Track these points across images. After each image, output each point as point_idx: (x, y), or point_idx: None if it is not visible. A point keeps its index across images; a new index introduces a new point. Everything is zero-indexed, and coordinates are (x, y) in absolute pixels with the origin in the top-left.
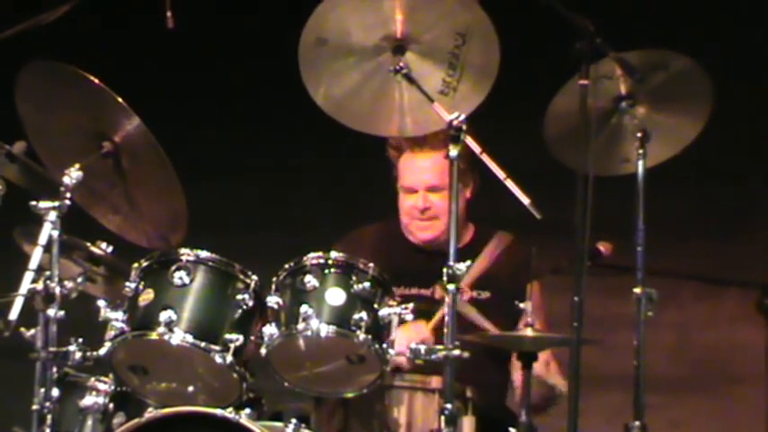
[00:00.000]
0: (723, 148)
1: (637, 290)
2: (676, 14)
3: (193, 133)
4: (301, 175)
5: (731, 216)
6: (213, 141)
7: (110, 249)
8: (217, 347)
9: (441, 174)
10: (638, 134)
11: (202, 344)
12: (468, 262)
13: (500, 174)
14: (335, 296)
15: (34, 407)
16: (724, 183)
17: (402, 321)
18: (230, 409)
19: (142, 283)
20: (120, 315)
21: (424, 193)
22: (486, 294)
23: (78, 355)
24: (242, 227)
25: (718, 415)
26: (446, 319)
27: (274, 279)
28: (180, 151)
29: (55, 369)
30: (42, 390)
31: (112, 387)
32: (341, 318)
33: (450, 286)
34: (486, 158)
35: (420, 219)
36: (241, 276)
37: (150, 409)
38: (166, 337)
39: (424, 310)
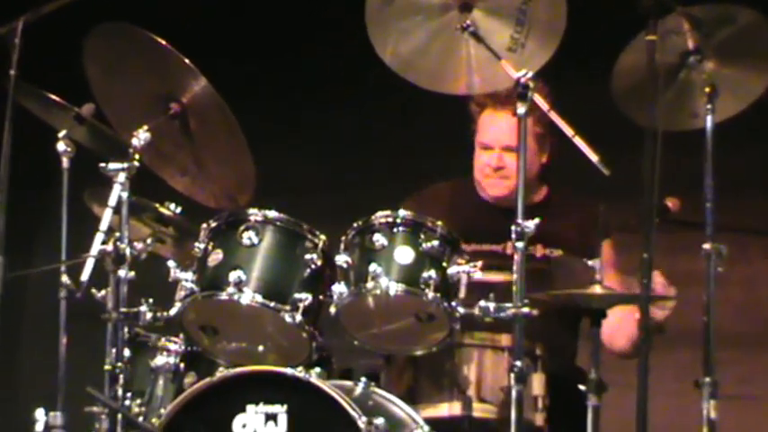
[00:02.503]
0: None
1: (706, 246)
2: None
3: (255, 95)
4: (363, 136)
5: None
6: (274, 102)
7: (178, 210)
8: (286, 307)
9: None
10: (707, 89)
11: (272, 303)
12: (537, 219)
13: (568, 131)
14: (404, 255)
15: (106, 367)
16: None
17: (474, 286)
18: (300, 368)
19: (211, 243)
20: (189, 276)
21: (500, 152)
22: (557, 252)
23: (149, 315)
24: (308, 187)
25: None
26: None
27: (343, 238)
28: (243, 113)
29: (126, 330)
30: (114, 350)
31: (183, 347)
32: (410, 276)
33: (519, 243)
34: (554, 116)
35: (493, 177)
36: (309, 236)
37: (221, 369)
38: (236, 297)
39: (496, 265)
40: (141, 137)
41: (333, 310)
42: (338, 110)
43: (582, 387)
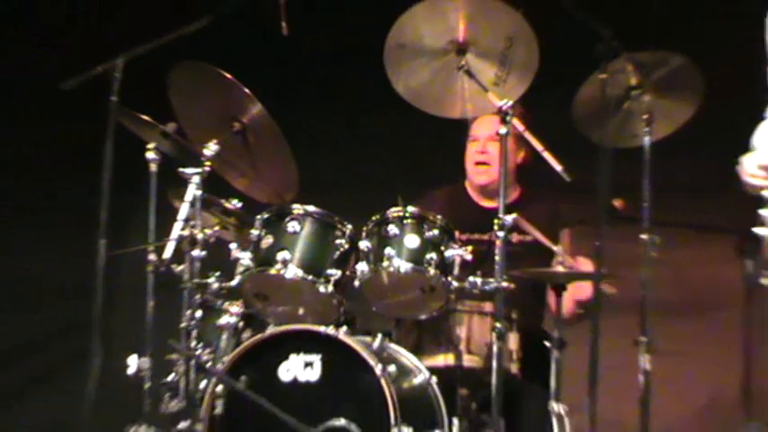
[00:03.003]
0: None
1: (643, 236)
2: (675, 18)
3: (297, 112)
4: (380, 145)
5: (714, 179)
6: (312, 119)
7: (239, 205)
8: (320, 280)
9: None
10: (645, 116)
11: (309, 277)
12: (515, 214)
13: (538, 146)
14: (412, 241)
15: (182, 325)
16: (711, 154)
17: (463, 260)
18: (331, 326)
19: (263, 230)
20: (247, 255)
21: (484, 141)
22: (529, 238)
23: (215, 285)
24: (338, 186)
25: (704, 334)
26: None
27: (364, 228)
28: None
29: (198, 296)
30: (188, 312)
31: (241, 310)
32: (416, 257)
33: (500, 233)
34: (527, 134)
35: (477, 163)
36: (339, 226)
37: (270, 327)
38: (282, 272)
39: (482, 250)
40: (211, 148)
41: (357, 283)
42: (360, 126)
43: (547, 343)
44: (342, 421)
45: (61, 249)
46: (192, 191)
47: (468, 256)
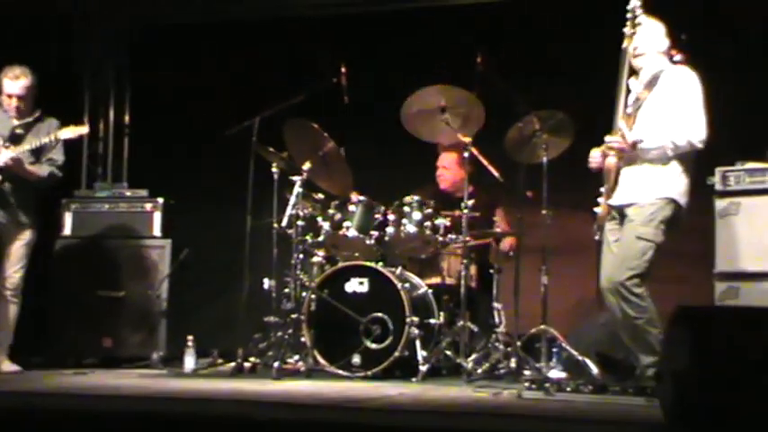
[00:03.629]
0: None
1: (543, 211)
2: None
3: (350, 144)
4: (395, 161)
5: (578, 180)
6: (359, 147)
7: (322, 197)
8: (367, 237)
9: (455, 156)
10: (544, 146)
11: (361, 235)
12: (471, 202)
13: (485, 161)
14: (416, 215)
15: (292, 262)
16: (574, 167)
17: (445, 225)
18: (372, 262)
19: (336, 210)
20: (327, 224)
21: (442, 168)
22: (478, 213)
23: (310, 241)
24: (373, 183)
25: (575, 263)
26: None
27: (391, 208)
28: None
29: (300, 247)
30: (295, 255)
31: (324, 254)
32: (419, 224)
33: (465, 211)
34: (480, 157)
35: (440, 179)
36: (377, 207)
37: (340, 263)
38: (348, 233)
39: (454, 219)
40: (306, 166)
41: (387, 239)
42: (386, 151)
43: (491, 270)
44: (380, 314)
45: (230, 222)
46: (297, 188)
47: (448, 223)
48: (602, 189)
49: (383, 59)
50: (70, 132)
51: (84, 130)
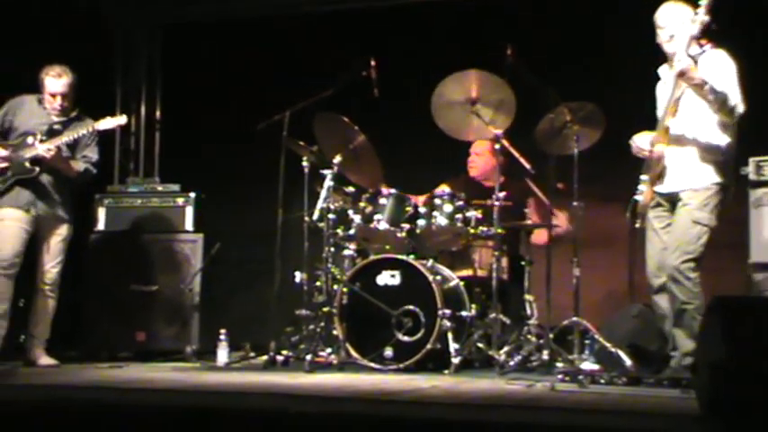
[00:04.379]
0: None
1: (575, 203)
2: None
3: (380, 137)
4: (426, 153)
5: (609, 173)
6: (389, 140)
7: (353, 189)
8: (398, 229)
9: (488, 143)
10: (574, 137)
11: (392, 228)
12: (504, 193)
13: (516, 153)
14: (447, 207)
15: (324, 255)
16: (610, 157)
17: (477, 220)
18: (404, 255)
19: (367, 203)
20: (358, 217)
21: (474, 156)
22: (508, 203)
23: (341, 234)
24: (403, 176)
25: (606, 255)
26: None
27: (422, 200)
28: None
29: (331, 240)
30: (326, 248)
31: (355, 247)
32: (450, 216)
33: (497, 202)
34: (512, 149)
35: (471, 155)
36: (407, 199)
37: (371, 255)
38: (379, 225)
39: (487, 210)
40: (337, 159)
41: (418, 231)
42: (412, 143)
43: (523, 262)
44: (411, 307)
45: (261, 216)
46: (328, 182)
47: (479, 215)
48: (645, 177)
49: (412, 52)
50: (108, 123)
51: (122, 120)
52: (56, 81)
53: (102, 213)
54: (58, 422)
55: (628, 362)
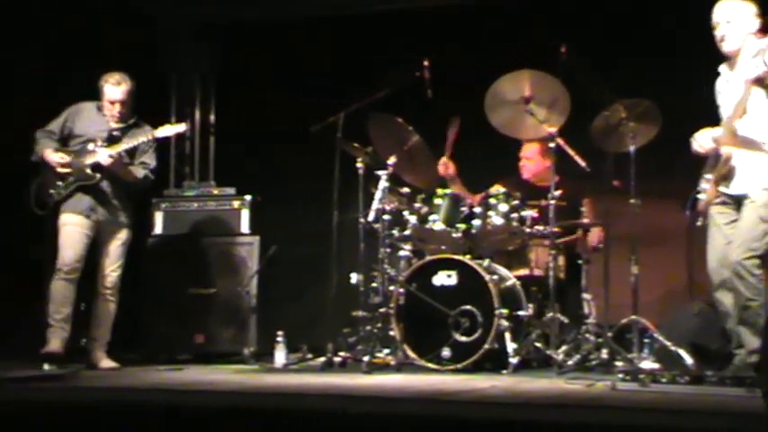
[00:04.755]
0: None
1: (632, 200)
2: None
3: (433, 136)
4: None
5: (666, 169)
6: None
7: (408, 190)
8: (454, 230)
9: (537, 146)
10: (631, 134)
11: (448, 228)
12: (559, 192)
13: (570, 151)
14: (503, 207)
15: (379, 256)
16: (666, 153)
17: (533, 219)
18: (460, 255)
19: (422, 203)
20: (413, 218)
21: (525, 159)
22: (563, 203)
23: (397, 235)
24: (460, 173)
25: (664, 253)
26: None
27: (477, 199)
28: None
29: (387, 240)
30: (382, 249)
31: (411, 247)
32: (505, 216)
33: (552, 201)
34: (566, 147)
35: (522, 170)
36: (462, 200)
37: (427, 256)
38: (434, 226)
39: (542, 210)
40: (391, 160)
41: (473, 231)
42: (467, 142)
43: (580, 261)
44: (468, 307)
45: (317, 218)
46: (383, 183)
47: (535, 214)
48: (708, 176)
49: (465, 52)
50: (167, 131)
51: (181, 128)
52: (115, 89)
53: (159, 217)
54: (120, 424)
55: (689, 360)
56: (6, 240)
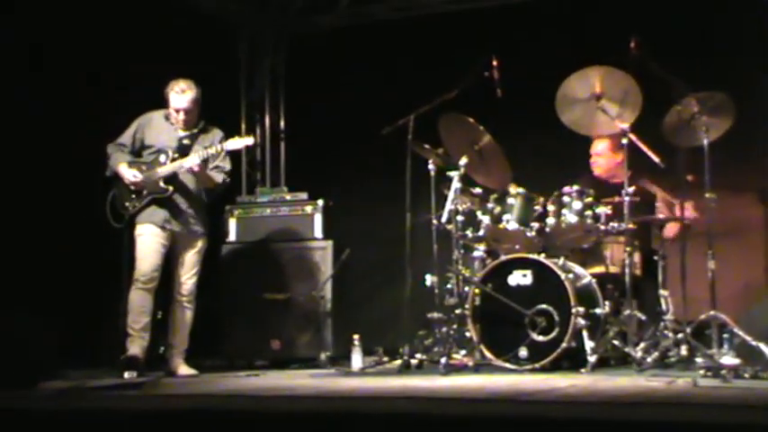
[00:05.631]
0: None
1: (707, 194)
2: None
3: (506, 137)
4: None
5: (742, 158)
6: (515, 141)
7: (480, 191)
8: (527, 229)
9: (607, 142)
10: (704, 128)
11: (521, 228)
12: (633, 188)
13: (644, 147)
14: (576, 204)
15: (454, 257)
16: (740, 146)
17: (607, 216)
18: (535, 254)
19: (495, 204)
20: (486, 218)
21: (595, 156)
22: (637, 198)
23: (471, 235)
24: (531, 175)
25: (742, 247)
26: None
27: (551, 199)
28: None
29: (461, 241)
30: (456, 251)
31: (485, 248)
32: (579, 214)
33: (626, 198)
34: (639, 143)
35: (593, 166)
36: (536, 199)
37: (502, 256)
38: (508, 225)
39: (615, 206)
40: (463, 161)
41: (547, 230)
42: (540, 141)
43: (656, 257)
44: (544, 306)
45: (389, 220)
46: (455, 184)
47: (609, 211)
48: None
49: (534, 50)
50: (236, 143)
51: (249, 141)
52: (180, 97)
53: (232, 224)
54: (200, 431)
55: None
56: (85, 253)
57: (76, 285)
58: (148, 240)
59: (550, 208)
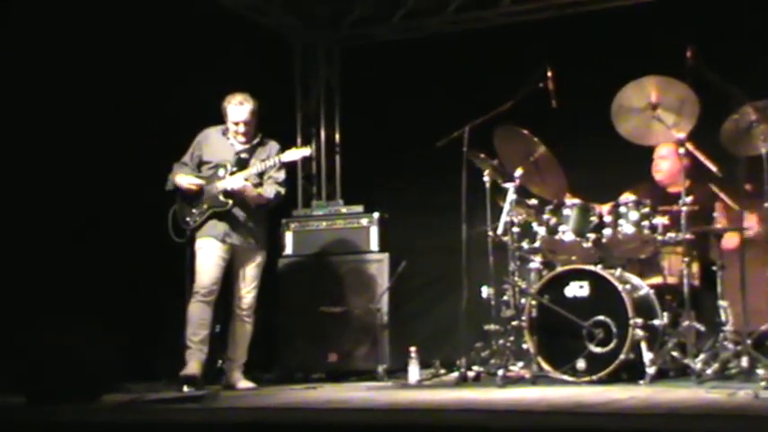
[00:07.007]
0: None
1: (766, 204)
2: None
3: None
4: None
5: None
6: (571, 152)
7: (536, 202)
8: (584, 240)
9: (674, 146)
10: (762, 136)
11: (578, 239)
12: (691, 198)
13: (701, 156)
14: (633, 215)
15: (510, 269)
16: None
17: (665, 226)
18: (591, 265)
19: (550, 215)
20: (542, 229)
21: (657, 159)
22: (695, 207)
23: (527, 247)
24: (587, 185)
25: None
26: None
27: (606, 209)
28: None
29: (517, 253)
30: (512, 263)
31: (541, 259)
32: (636, 224)
33: (684, 207)
34: (696, 152)
35: (655, 172)
36: (592, 209)
37: (558, 267)
38: (564, 237)
39: (673, 216)
40: (518, 172)
41: (604, 240)
42: (596, 151)
43: (714, 267)
44: (602, 317)
45: (444, 232)
46: (510, 195)
47: (666, 221)
48: None
49: (589, 60)
50: (293, 155)
51: (306, 152)
52: (238, 109)
53: (289, 238)
54: None
55: None
56: (147, 267)
57: (138, 299)
58: (208, 254)
59: (607, 218)
